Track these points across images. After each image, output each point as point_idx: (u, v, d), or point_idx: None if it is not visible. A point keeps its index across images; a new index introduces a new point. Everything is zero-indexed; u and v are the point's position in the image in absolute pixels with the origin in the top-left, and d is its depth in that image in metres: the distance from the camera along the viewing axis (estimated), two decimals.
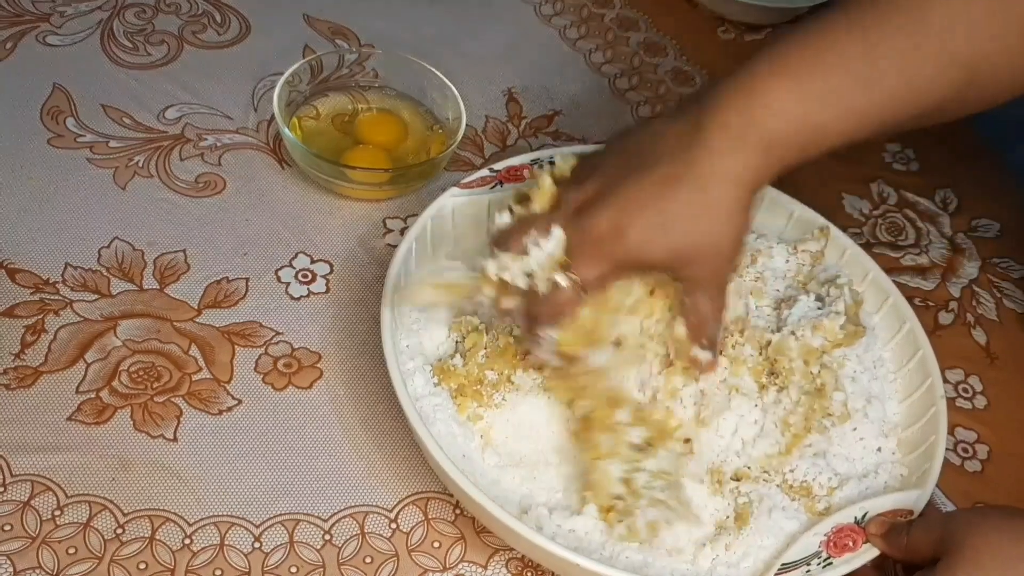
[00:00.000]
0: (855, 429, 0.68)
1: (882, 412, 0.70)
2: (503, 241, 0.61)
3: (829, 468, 0.66)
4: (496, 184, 0.75)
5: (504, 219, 0.64)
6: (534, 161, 0.76)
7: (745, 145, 0.58)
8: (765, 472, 0.66)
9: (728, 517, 0.64)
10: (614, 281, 0.61)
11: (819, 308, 0.71)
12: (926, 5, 0.59)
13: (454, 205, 0.74)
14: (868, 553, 0.61)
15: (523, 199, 0.64)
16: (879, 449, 0.68)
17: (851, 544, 0.61)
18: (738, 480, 0.65)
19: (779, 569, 0.61)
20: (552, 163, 0.70)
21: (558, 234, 0.60)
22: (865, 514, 0.63)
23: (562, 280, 0.60)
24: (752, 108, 0.58)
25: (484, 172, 0.76)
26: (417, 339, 0.70)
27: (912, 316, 0.73)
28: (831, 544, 0.62)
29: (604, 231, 0.59)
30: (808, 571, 0.60)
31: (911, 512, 0.63)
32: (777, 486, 0.66)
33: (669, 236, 0.59)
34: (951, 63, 0.60)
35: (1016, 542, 0.56)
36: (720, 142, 0.58)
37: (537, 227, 0.60)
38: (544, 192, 0.63)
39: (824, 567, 0.61)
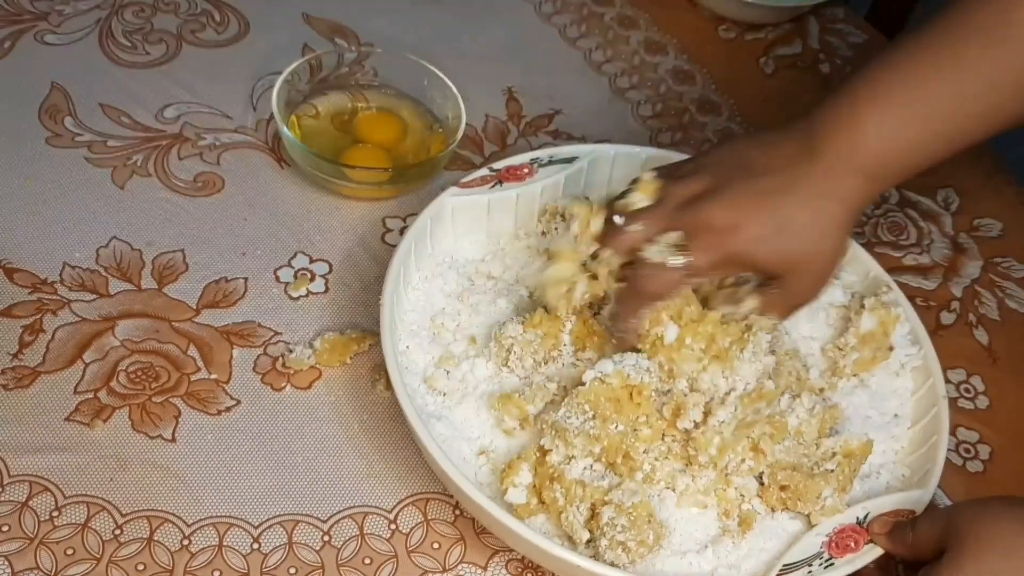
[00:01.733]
0: (866, 433, 0.68)
1: (889, 416, 0.70)
2: (611, 237, 0.64)
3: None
4: (496, 183, 0.75)
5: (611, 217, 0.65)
6: (534, 160, 0.76)
7: (854, 170, 0.62)
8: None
9: (732, 521, 0.64)
10: (722, 274, 0.64)
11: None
12: (1009, 8, 0.61)
13: (454, 205, 0.73)
14: (870, 553, 0.61)
15: (621, 196, 0.66)
16: (883, 451, 0.68)
17: (853, 544, 0.61)
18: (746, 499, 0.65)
19: (781, 569, 0.61)
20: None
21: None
22: (867, 514, 0.63)
23: (677, 260, 0.62)
24: (856, 134, 0.62)
25: (483, 171, 0.75)
26: (417, 339, 0.69)
27: (914, 316, 0.73)
28: (833, 544, 0.62)
29: (718, 222, 0.62)
30: (810, 571, 0.60)
31: (913, 512, 0.62)
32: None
33: (780, 239, 0.62)
34: None
35: (1019, 531, 0.56)
36: (831, 163, 0.62)
37: (647, 218, 0.63)
38: (647, 184, 0.64)
39: (826, 568, 0.60)
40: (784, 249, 0.62)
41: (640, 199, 0.64)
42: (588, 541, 0.61)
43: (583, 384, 0.63)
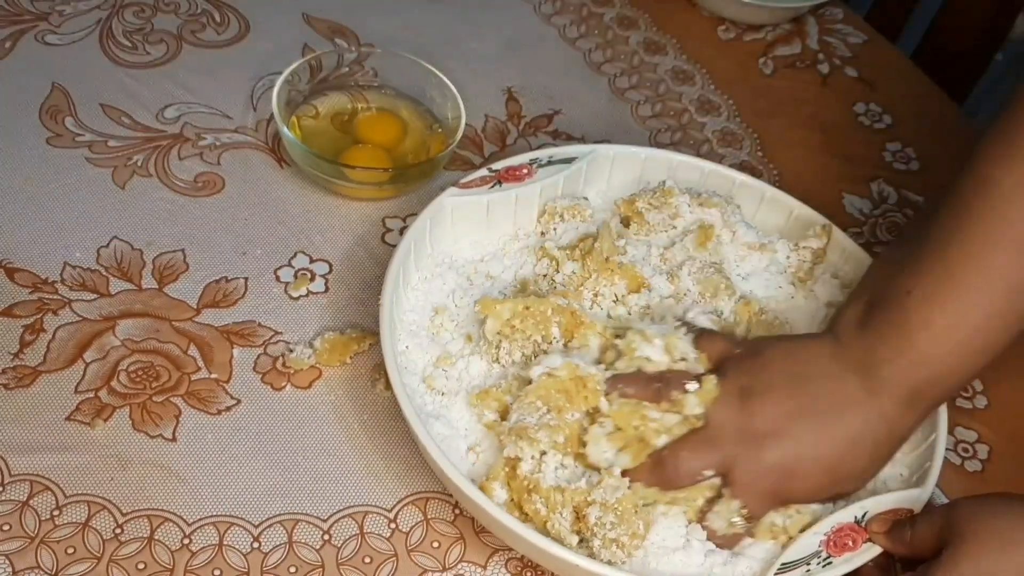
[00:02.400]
0: None
1: None
2: (668, 475, 0.62)
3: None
4: (495, 184, 0.75)
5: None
6: (533, 160, 0.76)
7: (915, 410, 0.63)
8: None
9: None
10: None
11: None
12: (1003, 210, 0.61)
13: (453, 205, 0.74)
14: (868, 552, 0.61)
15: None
16: None
17: (851, 543, 0.61)
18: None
19: (779, 569, 0.61)
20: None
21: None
22: (865, 513, 0.63)
23: (740, 524, 0.63)
24: (916, 373, 0.62)
25: (483, 172, 0.75)
26: (416, 340, 0.70)
27: None
28: (831, 543, 0.62)
29: (776, 468, 0.62)
30: (808, 570, 0.60)
31: (911, 511, 0.63)
32: None
33: (836, 487, 0.64)
34: None
35: (1016, 527, 0.57)
36: (894, 409, 0.62)
37: (705, 449, 0.62)
38: (708, 391, 0.63)
39: (824, 566, 0.60)
40: (834, 493, 0.64)
41: (696, 405, 0.62)
42: (579, 543, 0.61)
43: (531, 383, 0.64)
